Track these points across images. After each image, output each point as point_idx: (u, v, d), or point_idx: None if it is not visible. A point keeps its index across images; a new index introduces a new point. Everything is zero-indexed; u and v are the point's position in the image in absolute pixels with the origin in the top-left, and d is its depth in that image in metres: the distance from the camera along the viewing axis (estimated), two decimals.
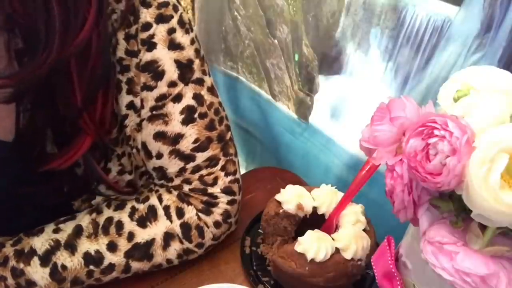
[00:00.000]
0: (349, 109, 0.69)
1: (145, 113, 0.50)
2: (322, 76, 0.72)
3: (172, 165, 0.53)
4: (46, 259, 0.49)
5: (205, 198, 0.54)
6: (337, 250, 0.51)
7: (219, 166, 0.54)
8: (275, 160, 0.92)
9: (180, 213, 0.53)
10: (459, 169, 0.29)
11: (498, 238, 0.31)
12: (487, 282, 0.29)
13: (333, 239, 0.52)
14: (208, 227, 0.55)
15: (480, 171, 0.27)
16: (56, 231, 0.51)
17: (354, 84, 0.66)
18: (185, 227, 0.53)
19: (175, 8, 0.48)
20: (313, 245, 0.51)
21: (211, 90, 0.54)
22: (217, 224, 0.55)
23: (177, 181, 0.54)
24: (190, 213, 0.53)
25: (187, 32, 0.49)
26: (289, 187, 0.59)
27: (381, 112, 0.35)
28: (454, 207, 0.32)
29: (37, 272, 0.49)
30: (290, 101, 0.81)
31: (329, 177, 0.76)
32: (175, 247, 0.53)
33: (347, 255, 0.51)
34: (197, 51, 0.51)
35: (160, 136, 0.51)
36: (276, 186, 0.59)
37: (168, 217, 0.53)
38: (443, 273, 0.31)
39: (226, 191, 0.55)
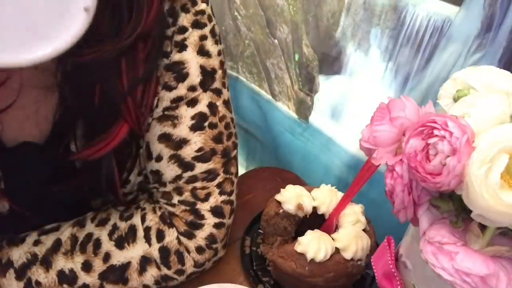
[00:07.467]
0: (349, 109, 0.69)
1: (157, 112, 0.50)
2: (322, 76, 0.72)
3: (169, 171, 0.51)
4: (21, 272, 0.48)
5: (190, 217, 0.52)
6: (337, 250, 0.51)
7: (215, 182, 0.52)
8: (275, 160, 0.92)
9: (160, 236, 0.51)
10: (459, 169, 0.29)
11: (498, 238, 0.31)
12: (487, 282, 0.29)
13: (333, 239, 0.52)
14: (189, 252, 0.52)
15: (480, 171, 0.27)
16: (36, 243, 0.50)
17: (354, 84, 0.66)
18: (164, 251, 0.50)
19: (210, 18, 0.50)
20: (313, 245, 0.51)
21: (227, 103, 0.53)
22: (199, 250, 0.52)
23: (169, 187, 0.52)
24: (171, 236, 0.51)
25: (216, 43, 0.51)
26: (289, 187, 0.58)
27: (381, 112, 0.35)
28: (454, 207, 0.32)
29: (12, 285, 0.48)
30: (290, 101, 0.81)
31: (329, 177, 0.76)
32: (152, 272, 0.50)
33: (347, 255, 0.51)
34: (221, 63, 0.52)
35: (164, 138, 0.50)
36: (276, 186, 0.59)
37: (147, 240, 0.51)
38: (443, 273, 0.31)
39: (216, 211, 0.53)
